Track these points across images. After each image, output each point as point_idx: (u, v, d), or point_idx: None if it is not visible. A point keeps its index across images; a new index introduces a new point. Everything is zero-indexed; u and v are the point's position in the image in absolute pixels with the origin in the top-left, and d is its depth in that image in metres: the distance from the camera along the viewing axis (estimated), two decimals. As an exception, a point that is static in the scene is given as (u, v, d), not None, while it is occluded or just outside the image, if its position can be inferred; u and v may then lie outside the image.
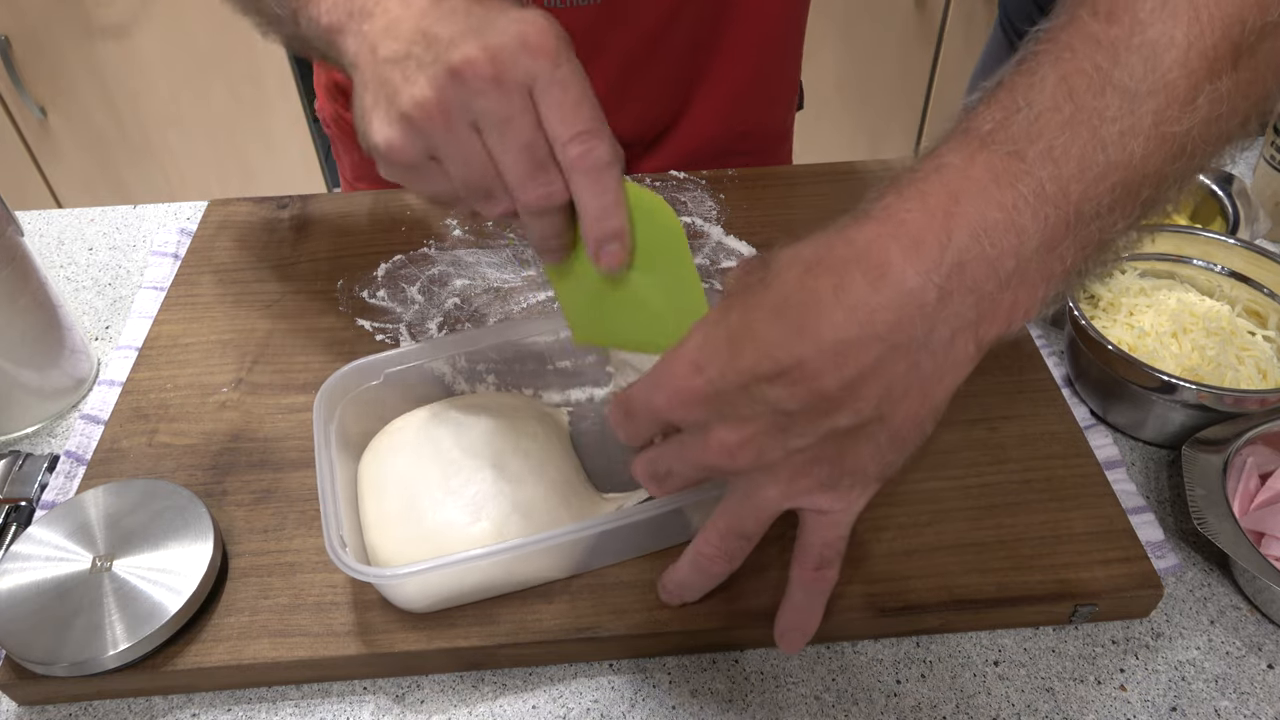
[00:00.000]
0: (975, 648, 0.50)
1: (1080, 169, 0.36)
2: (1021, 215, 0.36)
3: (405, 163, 0.43)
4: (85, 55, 1.65)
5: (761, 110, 0.84)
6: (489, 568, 0.47)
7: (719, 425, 0.39)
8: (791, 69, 0.85)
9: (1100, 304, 0.64)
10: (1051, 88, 0.37)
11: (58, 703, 0.48)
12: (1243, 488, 0.55)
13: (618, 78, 0.75)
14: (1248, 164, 0.83)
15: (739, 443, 0.38)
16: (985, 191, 0.36)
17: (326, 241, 0.72)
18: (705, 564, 0.44)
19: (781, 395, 0.37)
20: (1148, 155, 0.36)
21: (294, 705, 0.48)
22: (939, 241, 0.36)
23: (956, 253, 0.36)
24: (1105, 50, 0.37)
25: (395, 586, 0.47)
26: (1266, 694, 0.48)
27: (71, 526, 0.50)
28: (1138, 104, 0.36)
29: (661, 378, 0.40)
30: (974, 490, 0.54)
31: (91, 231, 0.78)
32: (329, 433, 0.51)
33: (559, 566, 0.50)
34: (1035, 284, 0.37)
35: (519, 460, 0.51)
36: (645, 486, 0.44)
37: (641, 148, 0.83)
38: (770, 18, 0.77)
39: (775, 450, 0.38)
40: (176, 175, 1.84)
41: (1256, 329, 0.62)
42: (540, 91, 0.40)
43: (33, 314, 0.60)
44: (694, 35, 0.75)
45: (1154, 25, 0.37)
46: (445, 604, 0.48)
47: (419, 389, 0.56)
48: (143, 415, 0.59)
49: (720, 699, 0.48)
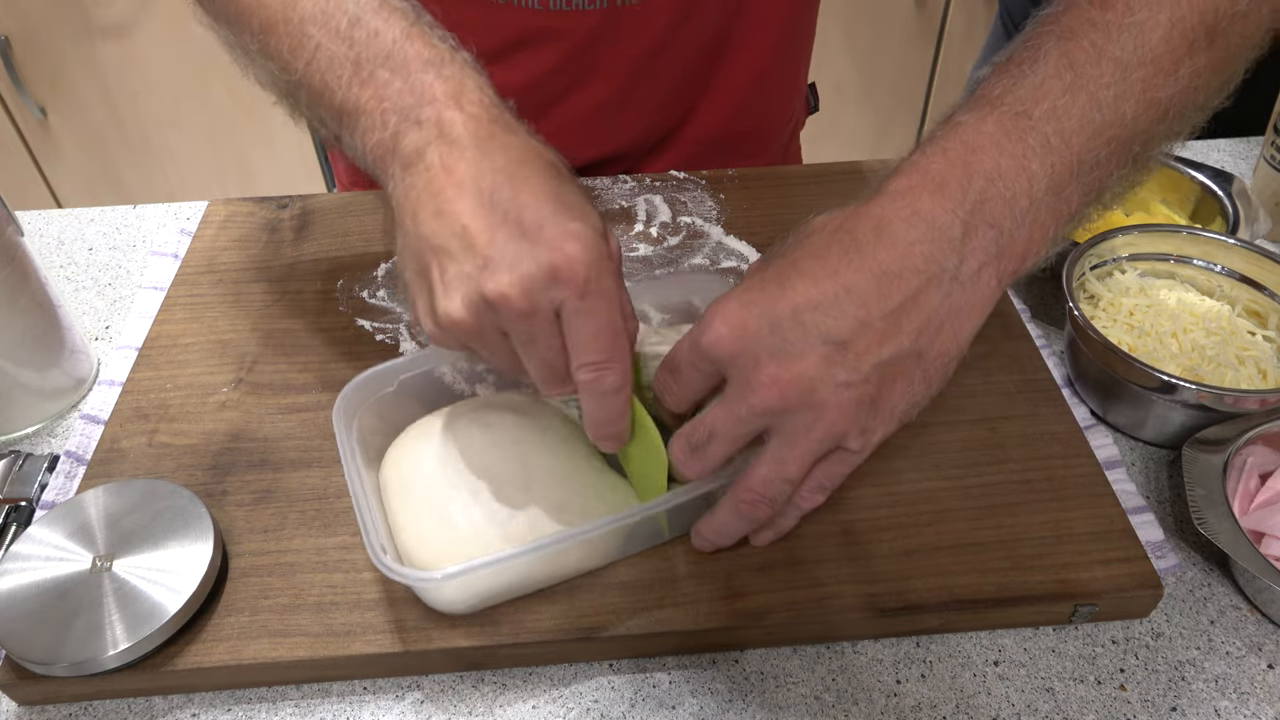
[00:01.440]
0: (975, 648, 0.50)
1: (1080, 125, 0.42)
2: (1031, 163, 0.42)
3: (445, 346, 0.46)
4: (85, 55, 1.65)
5: (766, 112, 0.84)
6: (528, 564, 0.47)
7: (769, 361, 0.41)
8: (798, 71, 0.85)
9: (1100, 304, 0.64)
10: (1054, 60, 0.43)
11: (58, 703, 0.48)
12: (1243, 488, 0.55)
13: (625, 82, 0.75)
14: (1248, 164, 0.83)
15: (790, 378, 0.41)
16: (998, 144, 0.42)
17: (326, 241, 0.72)
18: (748, 510, 0.46)
19: (832, 324, 0.41)
20: (1137, 116, 0.43)
21: (294, 705, 0.48)
22: (961, 184, 0.41)
23: (977, 193, 0.41)
24: (1100, 29, 0.43)
25: (435, 589, 0.47)
26: (1266, 694, 0.48)
27: (71, 526, 0.50)
28: (1129, 73, 0.42)
29: (710, 320, 0.43)
30: (974, 490, 0.54)
31: (91, 231, 0.78)
32: (352, 441, 0.50)
33: (595, 557, 0.50)
34: (1046, 223, 0.42)
35: (545, 456, 0.51)
36: (682, 467, 0.45)
37: (646, 149, 0.83)
38: (778, 21, 0.77)
39: (825, 386, 0.41)
40: (176, 175, 1.84)
41: (1256, 329, 0.62)
42: (566, 317, 0.42)
43: (33, 314, 0.60)
44: (701, 40, 0.75)
45: (1142, 10, 0.43)
46: (484, 604, 0.49)
47: (423, 394, 0.56)
48: (143, 415, 0.59)
49: (720, 699, 0.48)
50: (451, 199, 0.42)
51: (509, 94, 0.82)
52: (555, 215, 0.41)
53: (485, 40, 0.74)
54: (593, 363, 0.43)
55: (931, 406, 0.58)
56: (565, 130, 0.78)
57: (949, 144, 0.43)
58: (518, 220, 0.41)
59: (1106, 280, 0.65)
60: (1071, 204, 0.43)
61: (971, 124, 0.43)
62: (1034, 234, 0.42)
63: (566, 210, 0.41)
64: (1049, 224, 0.42)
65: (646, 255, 0.71)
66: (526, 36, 0.72)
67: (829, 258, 0.42)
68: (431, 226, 0.43)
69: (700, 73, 0.77)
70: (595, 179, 0.78)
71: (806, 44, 0.85)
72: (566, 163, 0.46)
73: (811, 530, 0.52)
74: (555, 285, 0.41)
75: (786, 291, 0.42)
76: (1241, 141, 0.86)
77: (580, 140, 0.79)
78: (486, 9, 0.71)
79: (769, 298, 0.42)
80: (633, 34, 0.72)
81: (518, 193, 0.42)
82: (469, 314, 0.42)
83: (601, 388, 0.43)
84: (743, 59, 0.77)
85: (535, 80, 0.75)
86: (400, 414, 0.55)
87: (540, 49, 0.73)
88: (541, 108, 0.77)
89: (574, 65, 0.74)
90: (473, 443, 0.52)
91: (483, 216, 0.41)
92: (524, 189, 0.42)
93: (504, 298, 0.41)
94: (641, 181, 0.78)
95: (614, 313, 0.42)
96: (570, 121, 0.77)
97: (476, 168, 0.42)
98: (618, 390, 0.44)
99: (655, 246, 0.72)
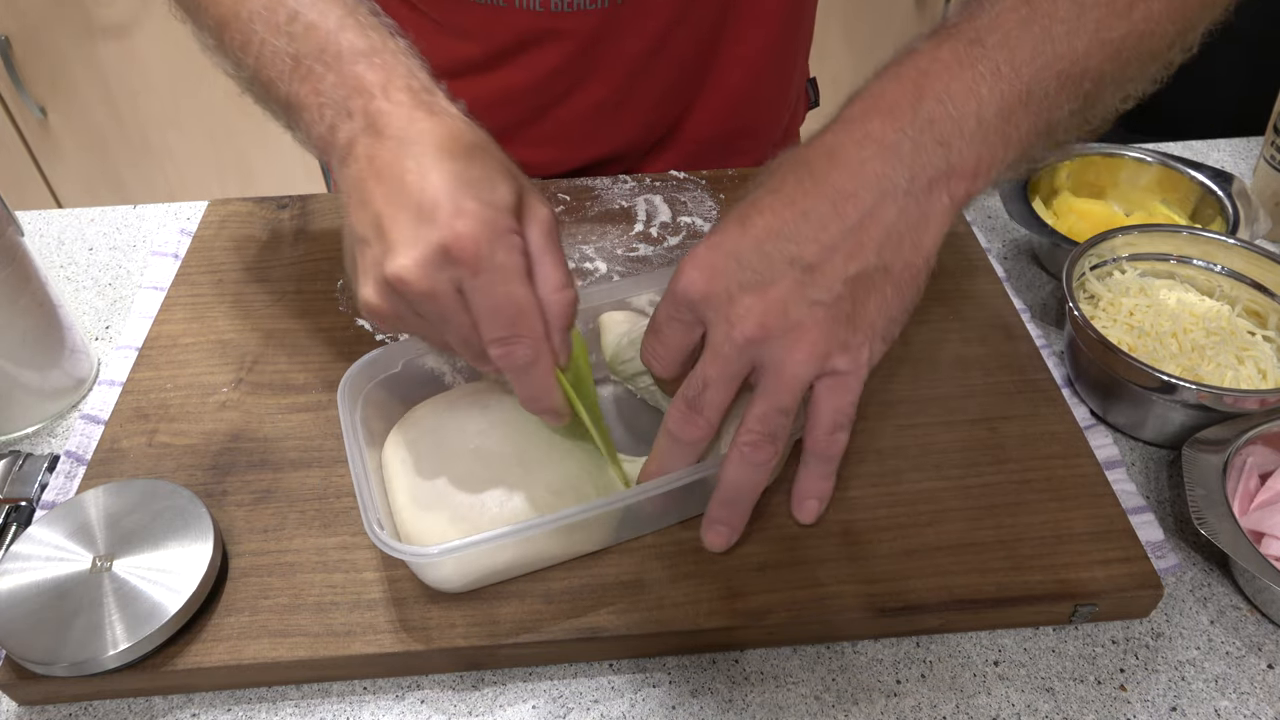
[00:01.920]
0: (975, 648, 0.50)
1: (1031, 56, 0.44)
2: (980, 87, 0.43)
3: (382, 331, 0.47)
4: (85, 55, 1.65)
5: (763, 107, 0.84)
6: (524, 543, 0.47)
7: (741, 294, 0.43)
8: (795, 66, 0.86)
9: (1100, 304, 0.64)
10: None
11: (58, 703, 0.48)
12: (1243, 488, 0.55)
13: (624, 81, 0.75)
14: (1248, 164, 0.83)
15: (765, 305, 0.43)
16: (949, 69, 0.44)
17: (326, 241, 0.72)
18: (751, 452, 0.46)
19: (794, 249, 0.43)
20: (1089, 53, 0.44)
21: (294, 705, 0.48)
22: (911, 105, 0.44)
23: (926, 114, 0.43)
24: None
25: (432, 566, 0.47)
26: (1266, 694, 0.48)
27: (71, 526, 0.50)
28: (1084, 12, 0.44)
29: (681, 268, 0.45)
30: (974, 490, 0.54)
31: (91, 231, 0.78)
32: (355, 421, 0.51)
33: (594, 539, 0.50)
34: (995, 145, 0.44)
35: (543, 437, 0.52)
36: (682, 431, 0.46)
37: (645, 149, 0.83)
38: (772, 17, 0.77)
39: (799, 307, 0.43)
40: (176, 175, 1.84)
41: (1256, 329, 0.62)
42: (466, 294, 0.43)
43: (33, 314, 0.60)
44: (697, 37, 0.75)
45: None
46: (480, 583, 0.49)
47: (426, 378, 0.56)
48: (143, 415, 0.59)
49: (720, 699, 0.48)
50: (371, 189, 0.43)
51: (512, 96, 0.82)
52: (451, 194, 0.42)
53: (487, 43, 0.74)
54: (499, 338, 0.44)
55: (932, 406, 0.59)
56: (565, 131, 0.78)
57: (903, 69, 0.45)
58: (417, 204, 0.42)
59: (1106, 280, 0.65)
60: (1021, 130, 0.44)
61: (927, 50, 0.45)
62: (982, 155, 0.44)
63: (466, 188, 0.42)
64: (998, 147, 0.44)
65: (646, 255, 0.71)
66: (529, 38, 0.72)
67: (785, 189, 0.44)
68: (356, 216, 0.45)
69: (697, 70, 0.77)
70: (595, 179, 0.78)
71: (804, 39, 0.85)
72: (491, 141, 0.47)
73: (811, 530, 0.52)
74: (449, 264, 0.42)
75: (748, 227, 0.44)
76: (1241, 141, 0.86)
77: (580, 141, 0.79)
78: (488, 11, 0.71)
79: (732, 236, 0.44)
80: (632, 32, 0.72)
81: (424, 176, 0.42)
82: (380, 299, 0.44)
83: (513, 362, 0.44)
84: (738, 53, 0.77)
85: (537, 82, 0.75)
86: (403, 398, 0.56)
87: (542, 50, 0.73)
88: (543, 109, 0.77)
89: (575, 66, 0.74)
90: (472, 424, 0.52)
91: (393, 203, 0.43)
92: (432, 172, 0.43)
93: (401, 280, 0.42)
94: (641, 181, 0.78)
95: (513, 287, 0.43)
96: (570, 122, 0.78)
97: (394, 156, 0.43)
98: (531, 363, 0.45)
99: (655, 246, 0.72)
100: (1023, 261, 0.74)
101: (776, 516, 0.53)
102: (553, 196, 0.76)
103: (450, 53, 0.73)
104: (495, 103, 0.75)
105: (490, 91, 0.75)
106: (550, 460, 0.51)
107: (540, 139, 0.78)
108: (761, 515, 0.53)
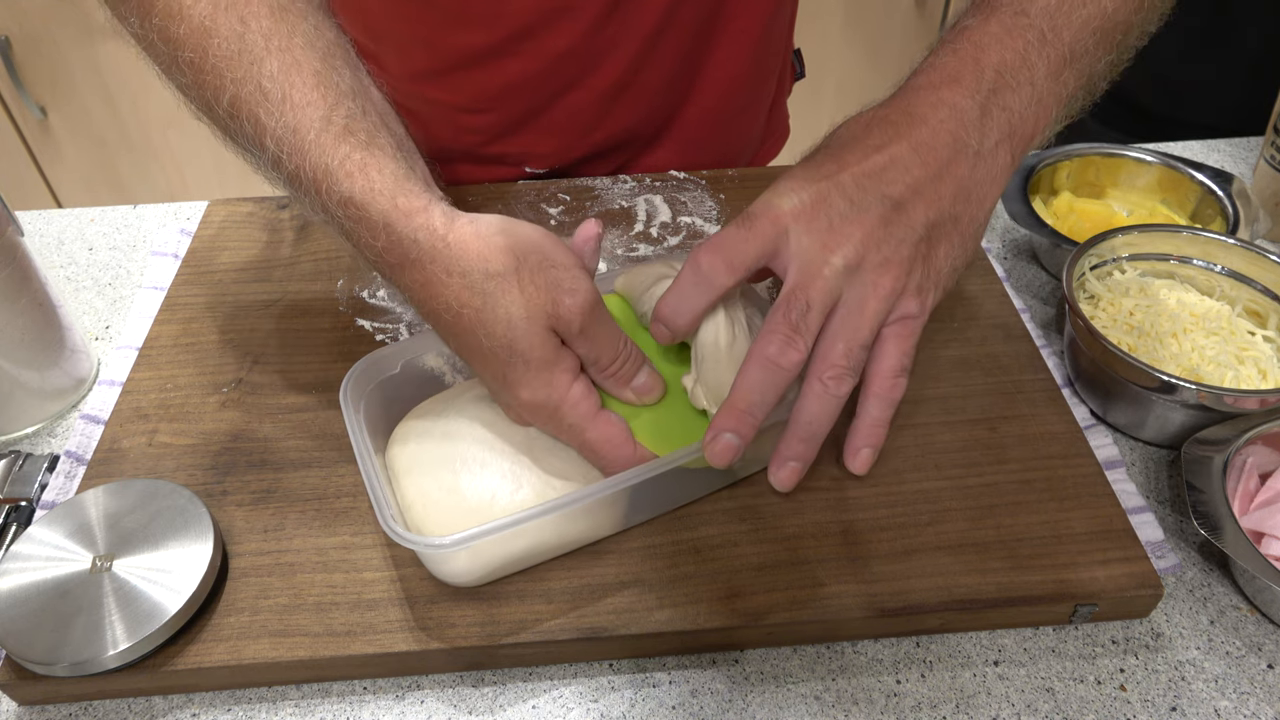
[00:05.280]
0: (975, 648, 0.50)
1: (1069, 19, 0.50)
2: (1030, 54, 0.49)
3: None
4: (85, 55, 1.65)
5: (758, 82, 0.85)
6: (537, 530, 0.48)
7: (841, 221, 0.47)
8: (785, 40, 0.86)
9: (1100, 304, 0.64)
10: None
11: (58, 703, 0.48)
12: (1243, 488, 0.55)
13: (631, 63, 0.75)
14: (1248, 164, 0.83)
15: (864, 234, 0.47)
16: (1000, 40, 0.49)
17: (326, 241, 0.72)
18: (835, 385, 0.48)
19: (887, 188, 0.47)
20: (1118, 8, 0.51)
21: (294, 705, 0.48)
22: (974, 76, 0.49)
23: (989, 83, 0.49)
24: None
25: (446, 559, 0.47)
26: (1266, 694, 0.48)
27: (71, 526, 0.50)
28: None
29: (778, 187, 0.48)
30: (974, 490, 0.54)
31: (91, 231, 0.78)
32: (360, 420, 0.51)
33: (605, 524, 0.51)
34: (1049, 104, 0.50)
35: None
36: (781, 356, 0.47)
37: (644, 141, 0.82)
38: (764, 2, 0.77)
39: (889, 243, 0.47)
40: (176, 175, 1.84)
41: (1256, 329, 0.62)
42: None
43: (33, 314, 0.60)
44: (694, 28, 0.75)
45: None
46: (493, 575, 0.49)
47: (426, 378, 0.57)
48: (143, 415, 0.59)
49: (720, 699, 0.48)
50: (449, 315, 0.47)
51: (521, 86, 0.82)
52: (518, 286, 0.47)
53: (495, 30, 0.74)
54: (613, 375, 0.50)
55: (932, 406, 0.59)
56: (572, 118, 0.78)
57: (958, 45, 0.50)
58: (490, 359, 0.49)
59: (1106, 280, 0.65)
60: (1069, 87, 0.50)
61: (976, 26, 0.50)
62: (1039, 114, 0.50)
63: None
64: (1050, 105, 0.50)
65: (646, 255, 0.71)
66: (537, 21, 0.72)
67: (870, 139, 0.48)
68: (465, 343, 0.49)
69: (693, 61, 0.77)
70: (595, 179, 0.78)
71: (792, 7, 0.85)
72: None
73: (811, 530, 0.52)
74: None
75: (843, 164, 0.48)
76: (1241, 141, 0.86)
77: (585, 127, 0.79)
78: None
79: (827, 172, 0.48)
80: (637, 10, 0.72)
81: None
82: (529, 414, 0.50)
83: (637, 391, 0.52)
84: (733, 41, 0.77)
85: (545, 68, 0.74)
86: (404, 398, 0.56)
87: (550, 34, 0.72)
88: (553, 96, 0.77)
89: (583, 48, 0.73)
90: (479, 415, 0.53)
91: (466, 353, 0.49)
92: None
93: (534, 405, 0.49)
94: (641, 181, 0.78)
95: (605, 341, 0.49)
96: (578, 109, 0.77)
97: None
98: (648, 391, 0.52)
99: (655, 246, 0.72)
100: (1023, 261, 0.74)
101: (777, 516, 0.53)
102: (553, 196, 0.77)
103: (457, 43, 0.73)
104: (503, 92, 0.75)
105: (498, 82, 0.74)
106: (557, 448, 0.51)
107: (548, 128, 0.78)
108: (761, 515, 0.53)
